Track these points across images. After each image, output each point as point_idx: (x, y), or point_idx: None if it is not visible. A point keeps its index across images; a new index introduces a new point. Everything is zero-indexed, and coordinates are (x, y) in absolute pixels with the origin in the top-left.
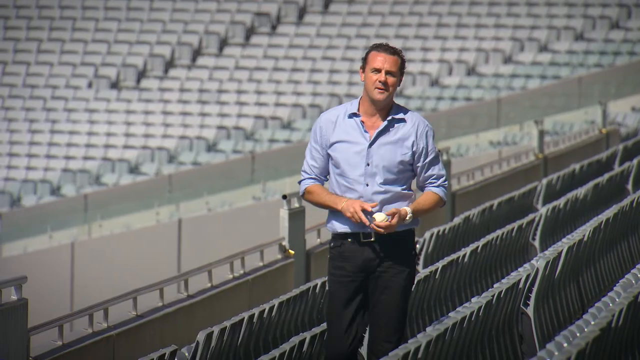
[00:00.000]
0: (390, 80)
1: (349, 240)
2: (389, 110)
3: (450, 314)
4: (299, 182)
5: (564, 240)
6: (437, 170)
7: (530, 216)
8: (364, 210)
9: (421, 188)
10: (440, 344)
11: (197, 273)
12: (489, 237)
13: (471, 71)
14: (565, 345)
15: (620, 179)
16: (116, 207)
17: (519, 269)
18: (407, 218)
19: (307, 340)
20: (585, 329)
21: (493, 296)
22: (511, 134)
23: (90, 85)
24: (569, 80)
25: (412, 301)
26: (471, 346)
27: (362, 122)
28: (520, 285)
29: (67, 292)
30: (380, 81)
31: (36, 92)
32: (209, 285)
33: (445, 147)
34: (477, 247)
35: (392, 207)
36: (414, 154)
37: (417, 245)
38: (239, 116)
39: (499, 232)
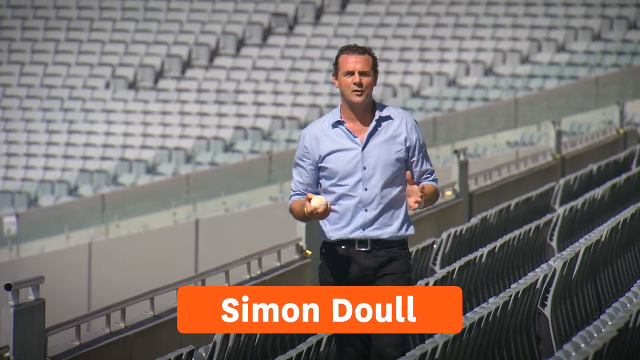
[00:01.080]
0: (365, 80)
1: (343, 247)
2: (372, 111)
3: (467, 315)
4: (289, 198)
5: (581, 240)
6: (429, 165)
7: (548, 216)
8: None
9: (417, 184)
10: (458, 344)
11: (214, 273)
12: (506, 238)
13: (488, 71)
14: (582, 345)
15: (638, 179)
16: (133, 207)
17: (537, 270)
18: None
19: (324, 341)
20: (603, 330)
21: (510, 296)
22: (528, 135)
23: (107, 85)
24: (586, 81)
25: None
26: (488, 346)
27: (348, 128)
28: (538, 286)
29: (85, 292)
30: (355, 83)
31: (54, 93)
32: (227, 285)
33: (463, 148)
34: (495, 248)
35: (391, 210)
36: (407, 149)
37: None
38: (256, 116)
39: (516, 232)
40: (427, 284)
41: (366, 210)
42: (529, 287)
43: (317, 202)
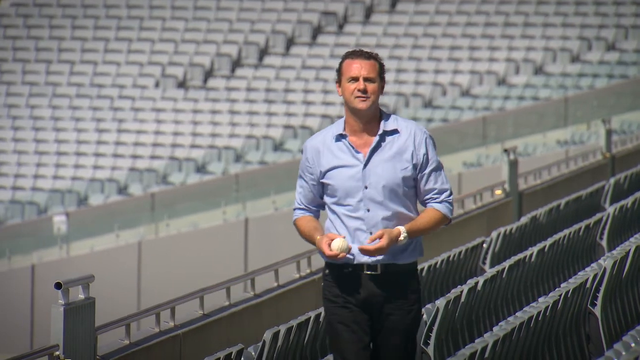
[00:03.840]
0: (370, 87)
1: (349, 270)
2: (378, 123)
3: (517, 314)
4: (294, 210)
5: (631, 239)
6: (439, 183)
7: (598, 215)
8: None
9: (423, 204)
10: (507, 344)
11: (263, 272)
12: (556, 237)
13: (538, 70)
14: (632, 345)
15: None
16: (183, 206)
17: (586, 269)
18: (401, 238)
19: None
20: None
21: (560, 296)
22: (578, 133)
23: (157, 84)
24: (636, 79)
25: (480, 300)
26: (538, 346)
27: (351, 142)
28: (588, 285)
29: (134, 291)
30: (359, 90)
31: (103, 92)
32: (276, 284)
33: (513, 147)
34: (544, 247)
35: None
36: (415, 166)
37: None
38: (305, 115)
39: (566, 231)
40: (476, 284)
41: (371, 233)
42: (579, 287)
43: (338, 246)
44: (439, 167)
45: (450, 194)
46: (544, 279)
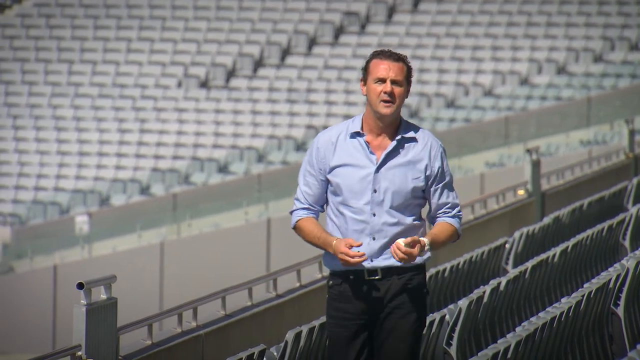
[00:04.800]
0: (397, 90)
1: (351, 277)
2: (396, 128)
3: (539, 314)
4: (291, 212)
5: None
6: (452, 197)
7: (621, 216)
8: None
9: (433, 218)
10: (530, 345)
11: (286, 272)
12: (579, 237)
13: (561, 70)
14: None
15: None
16: (205, 206)
17: (609, 269)
18: (425, 249)
19: None
20: None
21: (583, 296)
22: (601, 133)
23: (179, 84)
24: None
25: (502, 301)
26: (561, 346)
27: (367, 142)
28: (611, 285)
29: (156, 291)
30: (385, 92)
31: (126, 92)
32: (298, 284)
33: (535, 147)
34: (567, 247)
35: (402, 239)
36: (427, 178)
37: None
38: (327, 115)
39: (589, 231)
40: (499, 284)
41: (374, 239)
42: (602, 287)
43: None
44: (451, 182)
45: (461, 210)
46: (566, 279)
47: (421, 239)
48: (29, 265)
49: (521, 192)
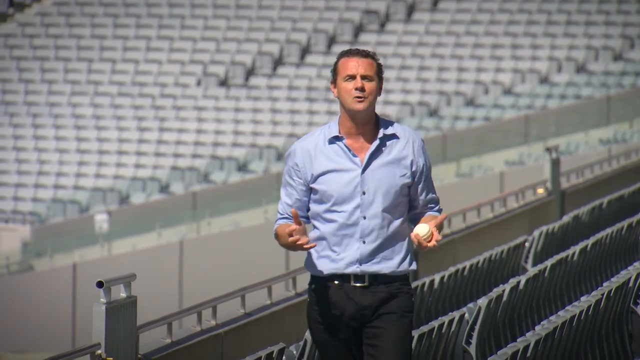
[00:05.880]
0: (368, 85)
1: (336, 282)
2: (374, 126)
3: (559, 313)
4: (275, 222)
5: None
6: (434, 193)
7: None
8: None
9: (417, 214)
10: (549, 343)
11: (305, 271)
12: (598, 236)
13: (581, 69)
14: None
15: None
16: (225, 205)
17: (629, 268)
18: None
19: (414, 339)
20: None
21: (602, 295)
22: (621, 132)
23: (199, 83)
24: None
25: (522, 300)
26: (580, 345)
27: (348, 145)
28: (630, 284)
29: (176, 289)
30: (357, 88)
31: (145, 90)
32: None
33: (555, 145)
34: (587, 246)
35: (392, 242)
36: (413, 174)
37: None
38: None
39: (608, 230)
40: (518, 283)
41: (364, 242)
42: (622, 286)
43: (424, 230)
44: (430, 176)
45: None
46: (586, 278)
47: (440, 216)
48: (49, 263)
49: (541, 190)
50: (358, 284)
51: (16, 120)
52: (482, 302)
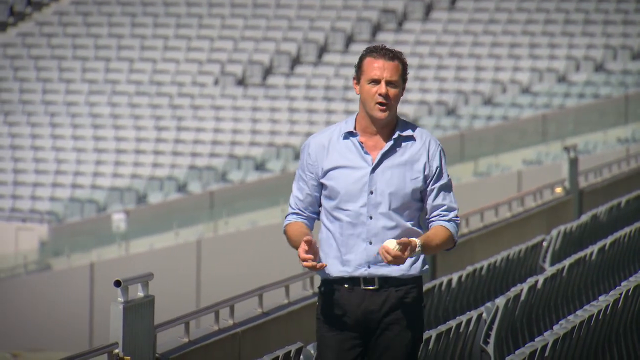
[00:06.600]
0: (392, 92)
1: (346, 286)
2: (393, 127)
3: (577, 312)
4: (285, 218)
5: None
6: (449, 200)
7: None
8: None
9: (428, 220)
10: (568, 343)
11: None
12: (616, 235)
13: (599, 68)
14: None
15: None
16: (242, 204)
17: None
18: (416, 250)
19: (432, 338)
20: None
21: (621, 294)
22: (639, 131)
23: (216, 82)
24: None
25: (540, 299)
26: (598, 345)
27: (361, 142)
28: None
29: (193, 288)
30: (380, 94)
31: (162, 90)
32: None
33: (573, 144)
34: (605, 245)
35: (390, 242)
36: (425, 178)
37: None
38: None
39: (626, 229)
40: (536, 282)
41: (370, 243)
42: None
43: (392, 245)
44: (449, 184)
45: (457, 215)
46: (604, 277)
47: (412, 239)
48: (66, 262)
49: (559, 189)
50: (369, 287)
51: (34, 119)
52: (500, 301)
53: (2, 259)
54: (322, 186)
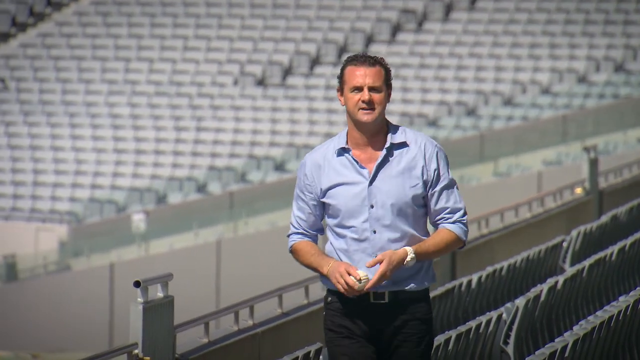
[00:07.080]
0: (376, 97)
1: (355, 299)
2: (384, 136)
3: (597, 313)
4: (288, 236)
5: None
6: (452, 202)
7: None
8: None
9: (434, 225)
10: (588, 343)
11: None
12: (637, 236)
13: (619, 68)
14: None
15: None
16: (262, 204)
17: None
18: (409, 259)
19: (452, 339)
20: None
21: None
22: None
23: (236, 82)
24: None
25: (560, 300)
26: (618, 345)
27: (355, 157)
28: None
29: (213, 289)
30: (363, 101)
31: (182, 90)
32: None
33: (593, 145)
34: (625, 246)
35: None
36: (425, 183)
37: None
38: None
39: None
40: (556, 283)
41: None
42: None
43: (361, 275)
44: (451, 184)
45: (465, 214)
46: (624, 278)
47: (403, 249)
48: (86, 263)
49: (579, 190)
50: (379, 301)
51: (54, 119)
52: (520, 302)
53: (22, 260)
54: (323, 205)
